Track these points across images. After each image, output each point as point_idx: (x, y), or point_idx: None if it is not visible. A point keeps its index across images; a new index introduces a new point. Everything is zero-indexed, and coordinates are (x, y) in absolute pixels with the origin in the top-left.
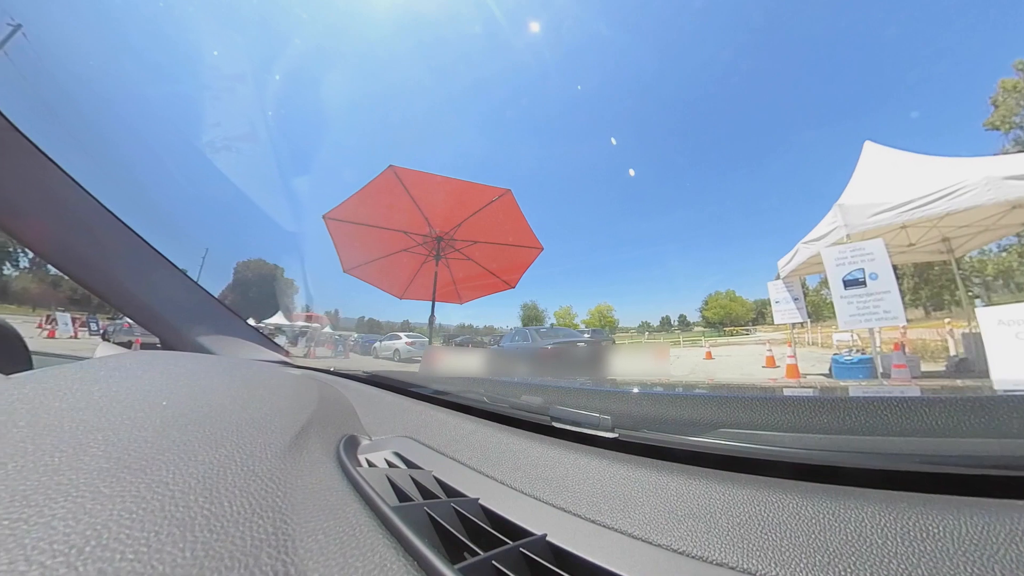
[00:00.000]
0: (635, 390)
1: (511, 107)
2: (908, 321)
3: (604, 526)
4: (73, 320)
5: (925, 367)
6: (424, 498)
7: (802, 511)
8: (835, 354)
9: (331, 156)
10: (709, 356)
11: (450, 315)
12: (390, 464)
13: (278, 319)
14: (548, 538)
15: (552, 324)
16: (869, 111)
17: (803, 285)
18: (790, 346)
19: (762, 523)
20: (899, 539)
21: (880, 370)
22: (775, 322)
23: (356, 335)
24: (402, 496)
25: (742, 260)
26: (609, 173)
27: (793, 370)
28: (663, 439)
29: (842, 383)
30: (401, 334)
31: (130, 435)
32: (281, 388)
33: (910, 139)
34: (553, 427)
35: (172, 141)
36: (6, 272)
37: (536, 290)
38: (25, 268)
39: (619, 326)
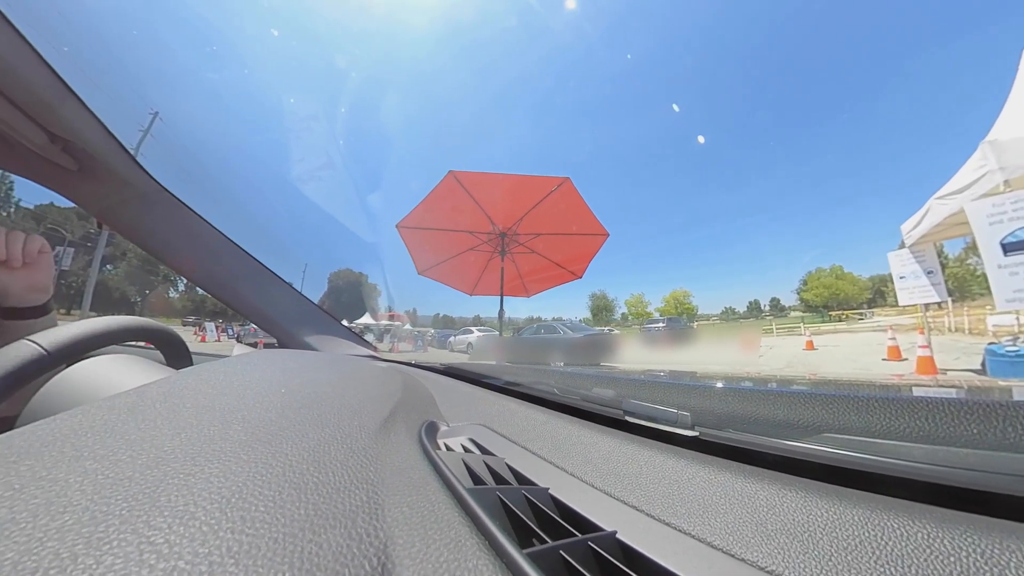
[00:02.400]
0: (719, 385)
1: (559, 93)
2: None
3: (680, 530)
4: (216, 327)
5: None
6: (496, 483)
7: (935, 544)
8: (991, 343)
9: (397, 170)
10: (810, 346)
11: (518, 308)
12: (466, 449)
13: (366, 319)
14: (618, 535)
15: (624, 313)
16: None
17: (939, 254)
18: (922, 333)
19: (879, 550)
20: None
21: None
22: (900, 303)
23: (433, 331)
24: (476, 479)
25: (850, 228)
26: (675, 144)
27: (927, 364)
28: (752, 441)
29: (1002, 382)
30: (473, 328)
31: (259, 415)
32: (371, 379)
33: None
34: (626, 422)
35: (271, 180)
36: (172, 295)
37: (605, 279)
38: (182, 291)
39: (698, 313)
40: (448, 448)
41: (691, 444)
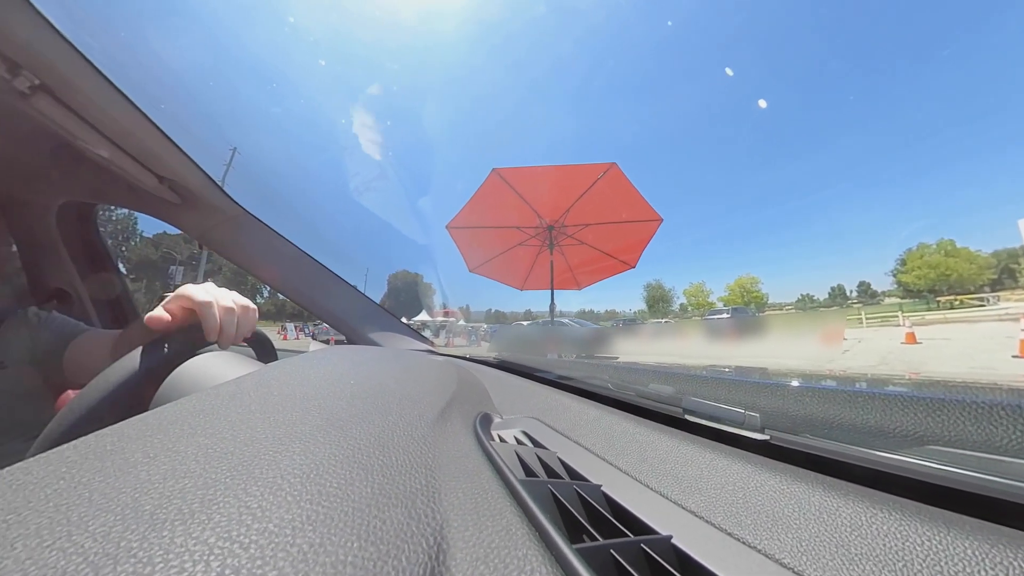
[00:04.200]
0: (794, 383)
1: (597, 75)
2: None
3: (744, 542)
4: (296, 327)
5: None
6: (548, 476)
7: None
8: None
9: (443, 173)
10: (912, 339)
11: (570, 301)
12: (518, 441)
13: (423, 316)
14: (674, 540)
15: (683, 304)
16: None
17: None
18: None
19: None
20: None
21: None
22: None
23: (485, 326)
24: (528, 471)
25: (960, 191)
26: (731, 113)
27: None
28: (833, 449)
29: None
30: (524, 323)
31: (332, 404)
32: (429, 372)
33: None
34: (686, 421)
35: (334, 195)
36: (259, 300)
37: (662, 267)
38: (267, 297)
39: (769, 301)
40: (501, 440)
41: (760, 449)
